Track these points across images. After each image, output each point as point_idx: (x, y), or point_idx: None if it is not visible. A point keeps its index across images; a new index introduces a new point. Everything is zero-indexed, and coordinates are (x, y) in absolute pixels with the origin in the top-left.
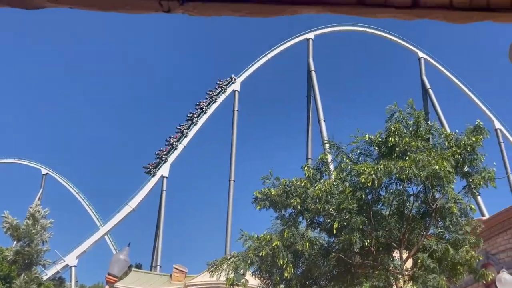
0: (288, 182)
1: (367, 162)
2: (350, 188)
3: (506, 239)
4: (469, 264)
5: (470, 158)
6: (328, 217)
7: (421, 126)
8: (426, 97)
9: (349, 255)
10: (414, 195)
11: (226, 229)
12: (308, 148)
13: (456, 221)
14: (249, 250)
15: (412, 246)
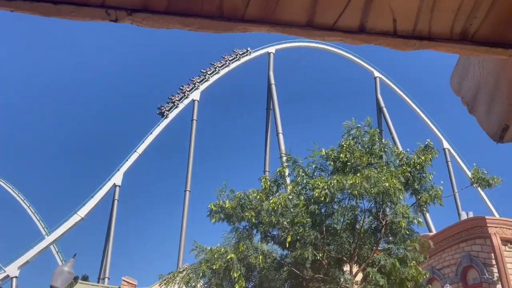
0: (243, 195)
1: (322, 177)
2: (304, 202)
3: (451, 254)
4: (415, 280)
5: (419, 176)
6: (282, 231)
7: (375, 143)
8: (380, 115)
9: (301, 269)
10: (366, 211)
11: (180, 241)
12: (266, 161)
13: (405, 237)
14: (201, 262)
15: (362, 261)
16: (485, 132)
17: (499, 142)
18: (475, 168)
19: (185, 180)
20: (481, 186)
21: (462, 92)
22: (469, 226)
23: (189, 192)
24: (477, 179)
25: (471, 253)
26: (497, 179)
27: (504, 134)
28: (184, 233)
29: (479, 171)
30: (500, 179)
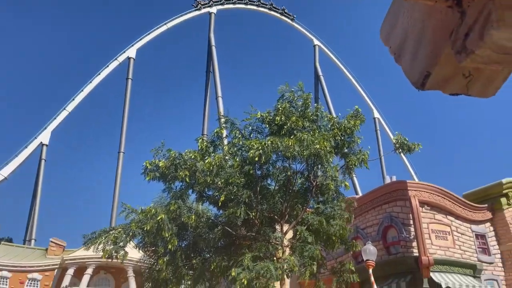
0: (177, 154)
1: (258, 139)
2: (240, 163)
3: (374, 215)
4: (341, 236)
5: (349, 140)
6: (217, 191)
7: (308, 107)
8: (317, 82)
9: (234, 227)
10: (298, 172)
11: (113, 203)
12: (205, 124)
13: (333, 197)
14: (132, 223)
15: (293, 220)
16: (409, 80)
17: (420, 89)
18: (398, 134)
19: (119, 142)
20: (403, 151)
21: (390, 41)
22: (391, 189)
23: (123, 154)
24: (400, 144)
25: (392, 214)
26: (417, 145)
27: (426, 82)
28: (117, 195)
29: (401, 137)
30: (420, 145)
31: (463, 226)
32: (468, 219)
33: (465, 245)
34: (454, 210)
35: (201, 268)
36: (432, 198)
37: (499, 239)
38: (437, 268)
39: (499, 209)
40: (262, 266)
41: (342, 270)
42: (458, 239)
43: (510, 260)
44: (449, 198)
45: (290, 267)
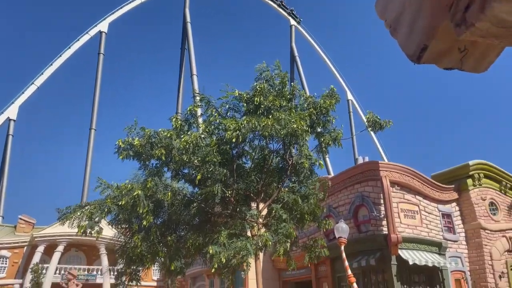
0: (153, 132)
1: (235, 118)
2: (216, 142)
3: (346, 194)
4: (314, 214)
5: (324, 120)
6: (193, 169)
7: (285, 86)
8: (293, 63)
9: (210, 205)
10: (274, 151)
11: (84, 180)
12: (179, 102)
13: (308, 176)
14: (107, 198)
15: (268, 198)
16: (405, 53)
17: (416, 62)
18: (370, 112)
19: (90, 118)
20: (374, 129)
21: (387, 14)
22: (364, 169)
23: (95, 131)
24: (372, 122)
25: (363, 193)
26: (388, 122)
27: (423, 55)
28: (88, 172)
29: (373, 115)
30: (391, 122)
31: (430, 206)
32: (436, 199)
33: (431, 224)
34: (423, 190)
35: (176, 245)
36: (402, 179)
37: (464, 218)
38: (405, 246)
39: (465, 190)
40: (240, 244)
41: (314, 246)
42: (426, 218)
43: (473, 239)
44: (418, 178)
45: (265, 243)
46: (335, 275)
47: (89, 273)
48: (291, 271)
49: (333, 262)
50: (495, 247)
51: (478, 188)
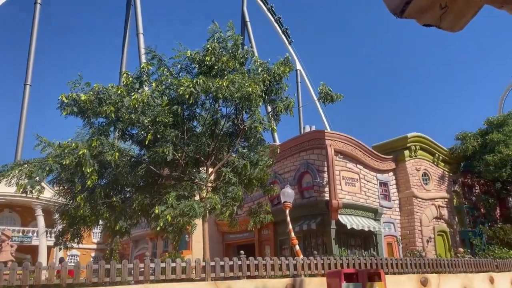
0: (101, 88)
1: (186, 77)
2: (168, 102)
3: (292, 161)
4: (261, 180)
5: (277, 87)
6: (142, 129)
7: (239, 49)
8: (244, 28)
9: (158, 167)
10: (226, 116)
11: (18, 138)
12: (123, 64)
13: (258, 142)
14: (49, 157)
15: (218, 162)
16: (387, 7)
17: (399, 16)
18: (323, 84)
19: (25, 73)
20: (326, 101)
21: None
22: (310, 138)
23: (30, 86)
24: (324, 94)
25: (308, 161)
26: (339, 95)
27: (406, 8)
28: (23, 130)
29: (325, 87)
30: (342, 95)
31: (369, 175)
32: (375, 168)
33: (370, 192)
34: (364, 159)
35: (121, 206)
36: (345, 148)
37: (399, 187)
38: (344, 211)
39: (402, 160)
40: (186, 204)
41: (259, 210)
42: (365, 186)
43: (406, 206)
44: (360, 148)
45: (214, 206)
46: (277, 238)
47: (24, 234)
48: (235, 235)
49: (276, 226)
50: (425, 214)
51: (413, 159)
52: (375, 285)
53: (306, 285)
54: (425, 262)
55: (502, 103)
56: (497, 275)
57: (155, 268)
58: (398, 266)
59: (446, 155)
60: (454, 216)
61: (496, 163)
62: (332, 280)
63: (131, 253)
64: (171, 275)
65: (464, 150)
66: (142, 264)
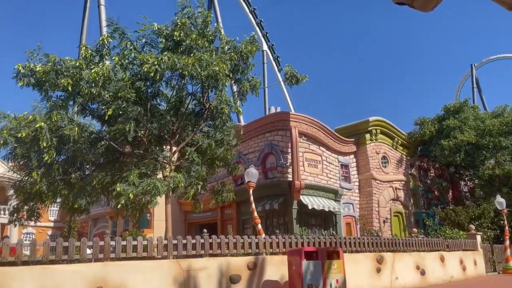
0: (59, 59)
1: (151, 53)
2: (131, 77)
3: (256, 142)
4: (225, 159)
5: (244, 66)
6: (103, 104)
7: (208, 26)
8: (211, 5)
9: (120, 144)
10: (192, 94)
11: None
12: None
13: (224, 121)
14: (3, 129)
15: (182, 141)
16: None
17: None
18: (288, 66)
19: None
20: (291, 82)
21: None
22: (275, 119)
23: None
24: (289, 75)
25: (273, 142)
26: (304, 76)
27: None
28: None
29: (291, 68)
30: (307, 77)
31: (331, 157)
32: (337, 151)
33: (331, 173)
34: (326, 142)
35: (80, 183)
36: (309, 130)
37: (359, 169)
38: (306, 192)
39: (363, 143)
40: (149, 183)
41: (222, 190)
42: (327, 167)
43: (365, 188)
44: (323, 131)
45: (177, 185)
46: (240, 217)
47: None
48: (197, 214)
49: (239, 206)
50: (382, 196)
51: (374, 143)
52: (333, 263)
53: (268, 263)
54: (381, 241)
55: (459, 90)
56: (448, 254)
57: (115, 246)
58: (355, 244)
59: (404, 139)
60: (410, 198)
61: (451, 148)
62: (293, 258)
63: (90, 232)
64: (132, 253)
65: (422, 135)
66: (102, 242)
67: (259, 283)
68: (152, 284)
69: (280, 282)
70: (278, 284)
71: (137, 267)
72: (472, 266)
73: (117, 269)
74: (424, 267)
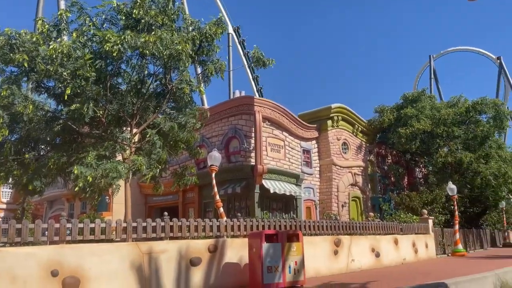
0: (14, 33)
1: (112, 30)
2: (91, 56)
3: (220, 126)
4: (188, 143)
5: (208, 48)
6: (60, 82)
7: (169, 3)
8: None
9: (78, 124)
10: (153, 74)
11: None
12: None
13: (187, 104)
14: None
15: (143, 122)
16: None
17: None
18: (256, 48)
19: None
20: (258, 66)
21: None
22: (239, 103)
23: None
24: (256, 58)
25: (237, 126)
26: (271, 60)
27: None
28: None
29: (258, 51)
30: (274, 61)
31: (294, 142)
32: (299, 136)
33: (293, 158)
34: (289, 127)
35: (35, 164)
36: (273, 115)
37: (320, 154)
38: (268, 176)
39: (324, 129)
40: (109, 166)
41: (184, 173)
42: (289, 152)
43: (326, 173)
44: (287, 116)
45: (137, 167)
46: (202, 201)
47: None
48: (158, 197)
49: (201, 189)
50: (342, 181)
51: (335, 129)
52: (293, 245)
53: (228, 246)
54: (339, 224)
55: (418, 80)
56: (401, 237)
57: (72, 229)
58: (315, 228)
59: (364, 126)
60: (368, 184)
61: (408, 136)
62: (254, 240)
63: (45, 214)
64: (90, 236)
65: (381, 123)
66: (58, 224)
67: (220, 265)
68: (110, 267)
69: (240, 264)
70: (238, 266)
71: (94, 250)
72: (423, 248)
73: (73, 252)
74: (379, 250)
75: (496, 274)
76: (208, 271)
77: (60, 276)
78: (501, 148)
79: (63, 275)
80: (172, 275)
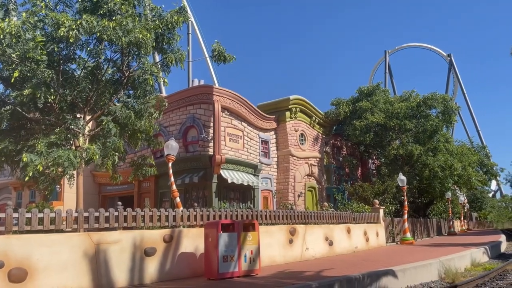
0: None
1: (66, 13)
2: (42, 38)
3: (178, 115)
4: (146, 132)
5: (169, 36)
6: (8, 64)
7: None
8: None
9: (28, 110)
10: (111, 60)
11: None
12: None
13: (145, 93)
14: None
15: (98, 110)
16: None
17: None
18: (217, 43)
19: None
20: (219, 60)
21: None
22: (198, 92)
23: None
24: (217, 53)
25: (195, 115)
26: (232, 56)
27: None
28: None
29: (219, 46)
30: (234, 57)
31: (253, 132)
32: (258, 127)
33: (251, 149)
34: (248, 117)
35: None
36: (232, 105)
37: (278, 145)
38: (226, 166)
39: (283, 121)
40: (61, 154)
41: (143, 164)
42: (247, 143)
43: (283, 163)
44: (246, 106)
45: (90, 156)
46: (158, 191)
47: None
48: (113, 186)
49: (157, 179)
50: (298, 172)
51: (293, 120)
52: (249, 235)
53: (184, 236)
54: (295, 214)
55: (373, 74)
56: (354, 226)
57: (19, 218)
58: (271, 217)
59: (321, 118)
60: (323, 174)
61: (362, 128)
62: (210, 230)
63: None
64: (38, 226)
65: (337, 115)
66: (3, 214)
67: (175, 255)
68: (60, 258)
69: (196, 254)
70: (193, 256)
71: (43, 241)
72: (374, 237)
73: (20, 243)
74: (332, 239)
75: (441, 261)
76: (163, 261)
77: (5, 267)
78: (448, 142)
79: (9, 266)
80: (125, 266)
